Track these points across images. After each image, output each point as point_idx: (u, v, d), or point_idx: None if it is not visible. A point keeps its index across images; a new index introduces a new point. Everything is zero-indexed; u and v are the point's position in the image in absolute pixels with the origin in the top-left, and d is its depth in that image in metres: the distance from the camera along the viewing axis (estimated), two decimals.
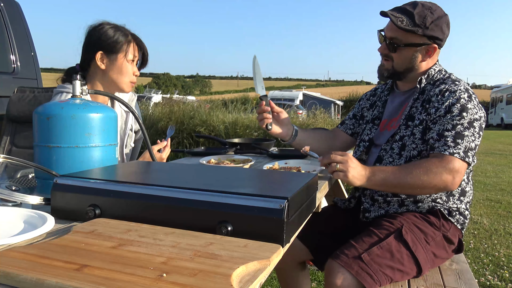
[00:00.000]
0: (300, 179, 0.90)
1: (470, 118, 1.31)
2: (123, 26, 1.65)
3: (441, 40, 1.44)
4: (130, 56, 1.62)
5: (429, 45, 1.43)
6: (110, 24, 1.62)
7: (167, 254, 0.61)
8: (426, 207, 1.41)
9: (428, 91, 1.44)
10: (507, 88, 24.89)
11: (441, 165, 1.27)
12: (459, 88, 1.36)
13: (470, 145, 1.29)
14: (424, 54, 1.44)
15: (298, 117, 6.53)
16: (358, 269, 1.20)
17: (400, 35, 1.42)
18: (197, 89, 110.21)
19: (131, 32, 1.65)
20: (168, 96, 8.89)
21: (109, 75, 1.61)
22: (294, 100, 21.87)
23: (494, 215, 4.15)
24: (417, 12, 1.39)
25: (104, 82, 1.62)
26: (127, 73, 1.62)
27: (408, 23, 1.38)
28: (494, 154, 9.51)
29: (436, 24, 1.40)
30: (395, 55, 1.46)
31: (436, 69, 1.48)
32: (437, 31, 1.41)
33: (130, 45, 1.62)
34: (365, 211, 1.49)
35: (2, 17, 2.92)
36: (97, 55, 1.58)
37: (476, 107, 1.34)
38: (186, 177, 0.98)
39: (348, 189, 3.28)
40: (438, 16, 1.41)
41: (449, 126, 1.31)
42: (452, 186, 1.28)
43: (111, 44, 1.58)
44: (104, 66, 1.59)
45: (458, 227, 1.41)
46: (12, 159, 1.00)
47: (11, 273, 0.54)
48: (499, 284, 2.51)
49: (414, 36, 1.40)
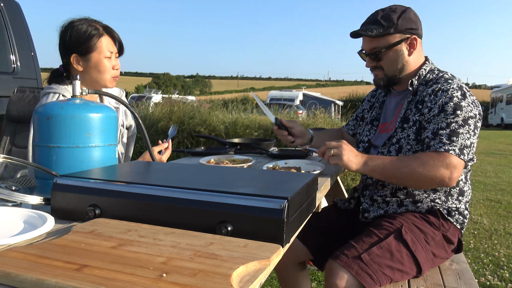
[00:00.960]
0: (300, 179, 0.90)
1: (465, 115, 1.31)
2: (93, 20, 1.58)
3: (416, 29, 1.46)
4: (106, 52, 1.56)
5: (408, 38, 1.45)
6: (81, 21, 1.55)
7: (167, 254, 0.61)
8: (425, 207, 1.41)
9: (421, 92, 1.44)
10: (507, 88, 24.88)
11: (438, 159, 1.27)
12: (451, 87, 1.36)
13: (465, 143, 1.29)
14: (408, 49, 1.46)
15: (298, 117, 6.53)
16: (358, 269, 1.20)
17: (377, 43, 1.45)
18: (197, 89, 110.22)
19: (101, 24, 1.58)
20: (167, 96, 8.87)
21: (89, 75, 1.57)
22: (294, 100, 21.86)
23: (494, 215, 4.15)
24: (381, 17, 1.44)
25: (86, 82, 1.58)
26: (105, 70, 1.57)
27: (378, 29, 1.43)
28: (494, 154, 9.51)
29: (403, 17, 1.43)
30: (382, 62, 1.48)
31: (427, 69, 1.49)
32: (408, 22, 1.43)
33: (103, 41, 1.56)
34: (364, 211, 1.50)
35: (2, 17, 2.92)
36: (72, 58, 1.54)
37: (470, 105, 1.34)
38: (186, 177, 0.98)
39: (348, 189, 3.28)
40: (401, 11, 1.44)
41: (443, 124, 1.31)
42: (449, 181, 1.27)
43: (82, 43, 1.52)
44: (82, 67, 1.55)
45: (458, 226, 1.42)
46: (12, 159, 1.00)
47: (11, 273, 0.54)
48: (499, 284, 2.51)
49: (390, 37, 1.43)
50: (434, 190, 1.41)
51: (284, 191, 0.75)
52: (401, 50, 1.45)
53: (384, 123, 1.58)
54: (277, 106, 9.15)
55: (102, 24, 1.59)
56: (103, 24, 1.59)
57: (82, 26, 1.54)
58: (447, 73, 1.46)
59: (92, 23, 1.56)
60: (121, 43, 1.64)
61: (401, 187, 1.43)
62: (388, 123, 1.55)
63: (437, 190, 1.41)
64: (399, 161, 1.31)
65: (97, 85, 1.60)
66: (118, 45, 1.63)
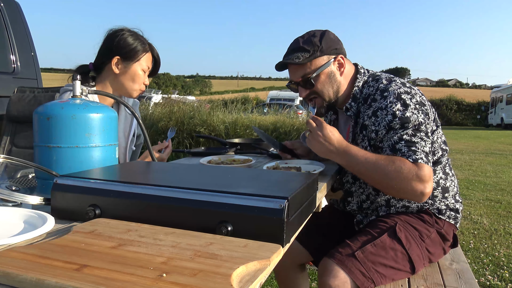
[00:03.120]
0: (300, 179, 0.90)
1: (414, 125, 1.27)
2: (141, 35, 1.69)
3: (340, 48, 1.44)
4: (144, 66, 1.67)
5: (335, 58, 1.42)
6: (131, 32, 1.67)
7: (167, 254, 0.61)
8: (415, 207, 1.41)
9: (362, 113, 1.40)
10: (507, 88, 24.88)
11: (412, 170, 1.20)
12: (389, 101, 1.30)
13: (425, 150, 1.25)
14: (337, 69, 1.43)
15: (298, 117, 6.53)
16: (351, 266, 1.20)
17: (305, 69, 1.41)
18: (197, 89, 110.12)
19: (148, 42, 1.70)
20: (168, 96, 8.87)
21: (121, 80, 1.64)
22: (294, 100, 21.83)
23: (494, 215, 4.15)
24: (303, 43, 1.41)
25: (114, 85, 1.66)
26: (138, 81, 1.67)
27: (304, 55, 1.39)
28: (494, 154, 9.51)
29: (325, 39, 1.41)
30: (317, 87, 1.43)
31: (359, 84, 1.44)
32: (331, 43, 1.41)
33: (146, 55, 1.67)
34: (358, 223, 1.51)
35: (2, 17, 2.92)
36: (114, 59, 1.61)
37: (414, 111, 1.28)
38: (186, 177, 0.98)
39: None
40: (320, 34, 1.42)
41: (396, 139, 1.27)
42: (422, 196, 1.22)
43: (129, 51, 1.62)
44: (118, 71, 1.63)
45: (452, 222, 1.42)
46: (12, 159, 1.00)
47: (11, 273, 0.54)
48: (499, 284, 2.52)
49: (318, 60, 1.40)
50: None
51: (284, 191, 0.75)
52: (332, 71, 1.42)
53: None
54: (277, 106, 9.14)
55: (149, 42, 1.71)
56: (149, 42, 1.71)
57: (133, 36, 1.65)
58: (381, 80, 1.39)
59: (141, 37, 1.68)
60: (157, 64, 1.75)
61: (384, 203, 1.44)
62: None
63: None
64: (374, 163, 1.24)
65: (123, 91, 1.68)
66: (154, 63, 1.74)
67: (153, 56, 1.72)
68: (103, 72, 1.66)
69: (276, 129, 5.62)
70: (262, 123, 5.85)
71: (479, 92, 62.71)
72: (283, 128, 5.58)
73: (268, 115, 6.65)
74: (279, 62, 1.44)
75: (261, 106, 13.32)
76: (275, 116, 6.33)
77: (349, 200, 1.53)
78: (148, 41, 1.71)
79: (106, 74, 1.65)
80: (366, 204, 1.48)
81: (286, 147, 1.70)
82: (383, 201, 1.44)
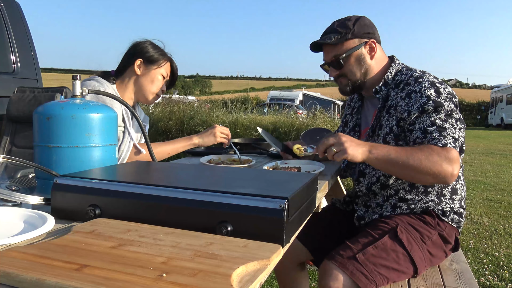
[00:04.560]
0: (300, 179, 0.90)
1: (446, 110, 1.31)
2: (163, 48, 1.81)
3: (373, 34, 1.48)
4: (164, 72, 1.77)
5: (366, 42, 1.46)
6: (153, 44, 1.78)
7: (167, 254, 0.61)
8: (419, 208, 1.41)
9: (393, 96, 1.42)
10: (507, 88, 24.87)
11: (442, 154, 1.23)
12: (423, 86, 1.34)
13: (455, 136, 1.28)
14: (368, 53, 1.48)
15: (298, 117, 6.52)
16: (353, 269, 1.20)
17: (337, 50, 1.47)
18: (197, 89, 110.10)
19: (170, 55, 1.80)
20: (167, 96, 8.87)
21: (141, 81, 1.74)
22: (294, 100, 21.86)
23: (494, 215, 4.15)
24: (337, 25, 1.48)
25: (134, 86, 1.75)
26: (157, 85, 1.76)
27: (336, 36, 1.45)
28: (494, 154, 9.51)
29: (359, 24, 1.46)
30: (345, 68, 1.48)
31: (393, 71, 1.48)
32: (364, 27, 1.46)
33: (166, 64, 1.77)
34: (360, 218, 1.50)
35: (2, 17, 2.92)
36: (137, 61, 1.72)
37: (447, 99, 1.32)
38: (186, 177, 0.98)
39: (348, 189, 3.28)
40: (356, 19, 1.48)
41: (428, 123, 1.30)
42: (451, 178, 1.24)
43: (151, 56, 1.73)
44: (140, 72, 1.73)
45: (454, 226, 1.41)
46: (12, 159, 1.00)
47: (11, 273, 0.54)
48: (499, 284, 2.52)
49: (349, 42, 1.46)
50: (426, 192, 1.40)
51: (284, 191, 0.75)
52: (362, 54, 1.47)
53: (366, 128, 1.58)
54: (277, 106, 9.14)
55: (170, 55, 1.82)
56: (170, 55, 1.82)
57: (156, 46, 1.78)
58: (416, 71, 1.44)
59: (162, 49, 1.80)
60: (175, 76, 1.85)
61: (393, 193, 1.43)
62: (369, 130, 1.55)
63: (429, 192, 1.41)
64: (404, 151, 1.25)
65: (141, 93, 1.76)
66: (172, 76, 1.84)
67: (171, 68, 1.82)
68: (125, 73, 1.75)
69: (276, 129, 5.61)
70: (262, 123, 5.84)
71: (479, 92, 62.71)
72: (283, 128, 5.58)
73: (268, 115, 6.65)
74: (313, 42, 1.50)
75: (261, 106, 13.33)
76: (275, 116, 6.33)
77: (360, 180, 1.52)
78: (170, 54, 1.81)
79: (128, 76, 1.75)
80: (375, 187, 1.46)
81: (288, 148, 1.72)
82: (392, 191, 1.43)
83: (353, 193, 1.63)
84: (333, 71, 1.52)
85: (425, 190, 1.41)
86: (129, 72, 1.75)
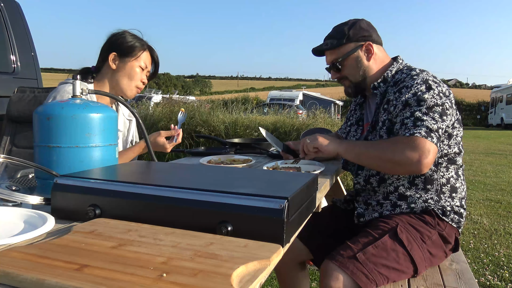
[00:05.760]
0: (300, 179, 0.90)
1: (428, 105, 1.32)
2: (141, 37, 1.72)
3: (370, 36, 1.53)
4: (141, 63, 1.68)
5: (362, 45, 1.52)
6: (131, 33, 1.70)
7: (167, 254, 0.61)
8: (419, 207, 1.41)
9: (389, 93, 1.46)
10: (507, 88, 24.87)
11: (405, 142, 1.27)
12: (416, 82, 1.37)
13: (432, 127, 1.28)
14: (365, 55, 1.53)
15: (298, 117, 6.52)
16: (353, 268, 1.20)
17: (335, 55, 1.55)
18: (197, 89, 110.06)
19: (148, 43, 1.72)
20: (168, 96, 8.87)
21: (117, 76, 1.65)
22: (294, 100, 21.87)
23: (494, 215, 4.15)
24: (335, 30, 1.56)
25: (111, 83, 1.67)
26: (135, 78, 1.67)
27: (332, 42, 1.54)
28: (494, 154, 9.51)
29: (354, 28, 1.52)
30: (344, 71, 1.56)
31: (393, 70, 1.52)
32: (359, 31, 1.52)
33: (144, 54, 1.68)
34: (359, 216, 1.50)
35: (2, 17, 2.92)
36: (111, 55, 1.63)
37: (435, 96, 1.34)
38: (186, 177, 0.98)
39: (348, 189, 3.28)
40: (352, 23, 1.54)
41: (407, 114, 1.33)
42: (420, 165, 1.25)
43: (126, 48, 1.64)
44: (115, 66, 1.64)
45: (454, 225, 1.41)
46: (12, 159, 1.00)
47: (11, 273, 0.54)
48: (499, 284, 2.52)
49: (344, 47, 1.53)
50: (425, 189, 1.41)
51: (284, 191, 0.75)
52: (359, 57, 1.53)
53: (367, 123, 1.62)
54: (277, 106, 9.15)
55: (148, 43, 1.73)
56: (148, 43, 1.73)
57: (131, 35, 1.69)
58: (415, 69, 1.46)
59: (140, 37, 1.71)
60: (157, 65, 1.76)
61: (392, 190, 1.44)
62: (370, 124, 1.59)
63: (428, 189, 1.41)
64: (371, 143, 1.40)
65: (118, 89, 1.67)
66: (153, 66, 1.76)
67: (152, 57, 1.73)
68: (102, 70, 1.67)
69: (276, 129, 5.61)
70: (262, 123, 5.84)
71: (479, 92, 62.70)
72: (283, 128, 5.58)
73: (268, 115, 6.65)
74: (315, 47, 1.59)
75: (261, 106, 13.33)
76: (275, 116, 6.33)
77: (359, 172, 1.55)
78: (148, 43, 1.72)
79: (105, 72, 1.67)
80: (373, 179, 1.48)
81: (289, 148, 1.74)
82: (392, 188, 1.44)
83: (353, 192, 1.64)
84: (334, 74, 1.59)
85: (424, 187, 1.41)
86: (106, 68, 1.67)
